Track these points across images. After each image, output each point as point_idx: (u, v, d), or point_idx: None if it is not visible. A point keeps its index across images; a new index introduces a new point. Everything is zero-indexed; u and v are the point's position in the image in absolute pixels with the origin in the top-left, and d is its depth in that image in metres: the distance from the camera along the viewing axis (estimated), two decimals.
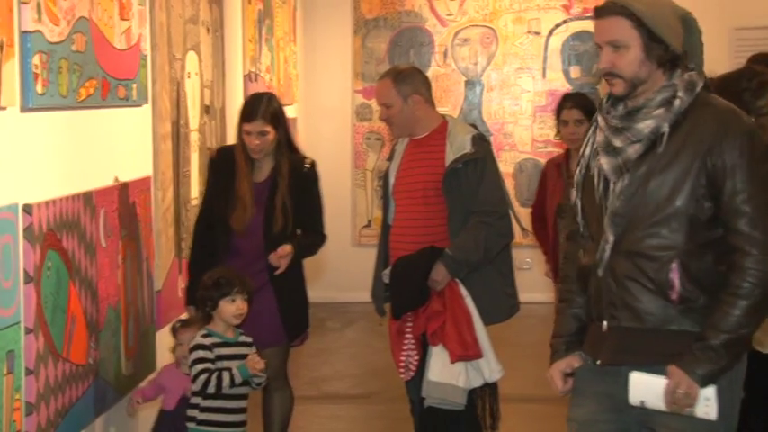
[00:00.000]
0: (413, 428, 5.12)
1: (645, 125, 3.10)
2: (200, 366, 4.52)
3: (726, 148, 3.03)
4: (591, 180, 3.23)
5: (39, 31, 4.13)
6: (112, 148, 5.12)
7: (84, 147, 4.79)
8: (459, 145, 4.85)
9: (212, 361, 4.54)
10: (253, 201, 5.11)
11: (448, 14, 10.14)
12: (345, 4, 10.16)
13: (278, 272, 5.06)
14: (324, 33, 10.23)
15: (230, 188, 5.12)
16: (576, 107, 5.84)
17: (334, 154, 10.15)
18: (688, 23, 3.14)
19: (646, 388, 3.08)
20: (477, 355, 4.79)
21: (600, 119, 3.22)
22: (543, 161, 8.01)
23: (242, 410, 4.70)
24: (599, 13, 3.16)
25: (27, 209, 4.08)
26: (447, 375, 4.75)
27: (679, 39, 3.11)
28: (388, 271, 4.94)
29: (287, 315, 5.16)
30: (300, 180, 5.21)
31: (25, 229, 4.07)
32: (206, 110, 6.79)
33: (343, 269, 9.51)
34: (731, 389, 3.17)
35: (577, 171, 3.31)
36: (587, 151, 3.26)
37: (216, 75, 7.05)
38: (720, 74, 4.50)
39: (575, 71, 10.13)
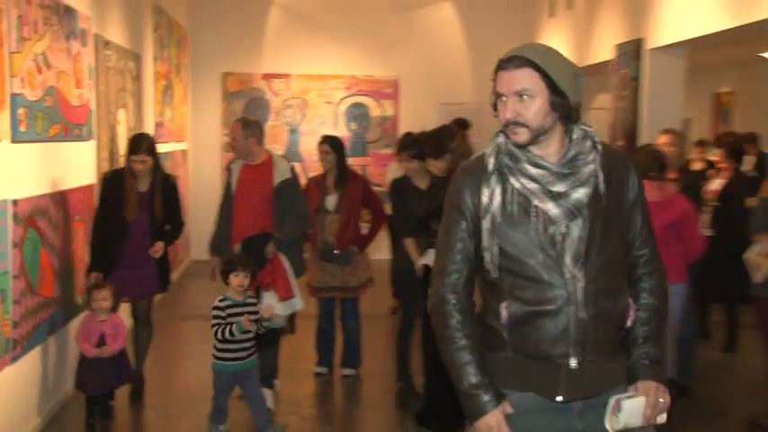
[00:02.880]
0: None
1: (588, 169, 2.05)
2: (213, 321, 4.15)
3: (633, 184, 2.13)
4: (515, 224, 2.05)
5: (22, 94, 4.01)
6: (70, 166, 4.95)
7: (52, 164, 4.63)
8: (282, 171, 4.84)
9: (223, 317, 4.14)
10: (138, 202, 4.79)
11: (279, 90, 10.13)
12: (217, 82, 10.01)
13: (156, 256, 4.82)
14: (204, 99, 10.05)
15: (121, 195, 4.76)
16: (324, 143, 5.41)
17: (210, 173, 10.00)
18: (579, 79, 2.06)
19: (632, 411, 2.06)
20: (292, 295, 4.81)
21: (528, 167, 2.06)
22: None
23: (244, 349, 4.17)
24: (505, 65, 2.03)
25: (15, 202, 3.96)
26: (277, 309, 4.72)
27: (575, 92, 2.04)
28: (239, 246, 4.83)
29: (160, 276, 4.91)
30: (169, 188, 4.95)
31: (14, 215, 3.94)
32: None
33: None
34: None
35: (487, 219, 2.07)
36: (496, 200, 2.07)
37: (137, 123, 6.86)
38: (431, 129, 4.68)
39: (352, 125, 10.22)
